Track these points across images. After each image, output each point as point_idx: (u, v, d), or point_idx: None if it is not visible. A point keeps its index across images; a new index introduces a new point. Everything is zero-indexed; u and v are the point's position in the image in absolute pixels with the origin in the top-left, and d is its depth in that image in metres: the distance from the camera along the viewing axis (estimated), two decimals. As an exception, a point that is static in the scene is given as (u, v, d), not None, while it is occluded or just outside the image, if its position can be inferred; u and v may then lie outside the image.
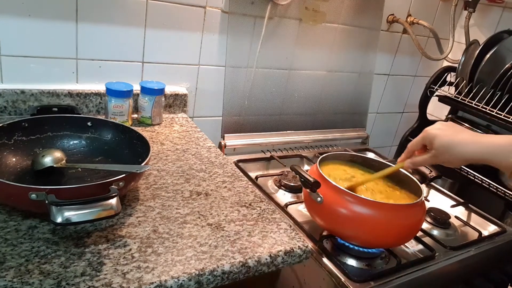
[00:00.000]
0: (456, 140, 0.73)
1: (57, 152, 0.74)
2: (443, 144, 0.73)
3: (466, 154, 0.72)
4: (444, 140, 0.73)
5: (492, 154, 0.70)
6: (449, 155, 0.73)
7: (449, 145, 0.73)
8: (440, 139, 0.74)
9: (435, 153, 0.75)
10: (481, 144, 0.71)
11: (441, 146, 0.74)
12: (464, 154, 0.72)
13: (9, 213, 0.64)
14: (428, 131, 0.77)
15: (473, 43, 1.41)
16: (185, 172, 0.86)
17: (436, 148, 0.75)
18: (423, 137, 0.78)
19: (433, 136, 0.75)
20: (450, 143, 0.73)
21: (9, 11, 0.89)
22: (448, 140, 0.73)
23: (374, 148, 1.53)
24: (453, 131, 0.74)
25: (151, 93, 1.03)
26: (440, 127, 0.76)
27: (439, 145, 0.74)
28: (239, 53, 1.18)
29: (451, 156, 0.73)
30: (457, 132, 0.74)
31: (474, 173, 1.33)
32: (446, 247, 0.94)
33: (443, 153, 0.74)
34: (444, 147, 0.73)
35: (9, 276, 0.52)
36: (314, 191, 0.80)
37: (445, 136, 0.73)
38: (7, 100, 0.92)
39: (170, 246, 0.63)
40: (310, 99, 1.39)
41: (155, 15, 1.04)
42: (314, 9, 1.25)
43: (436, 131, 0.75)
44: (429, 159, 0.77)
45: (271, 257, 0.66)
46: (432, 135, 0.75)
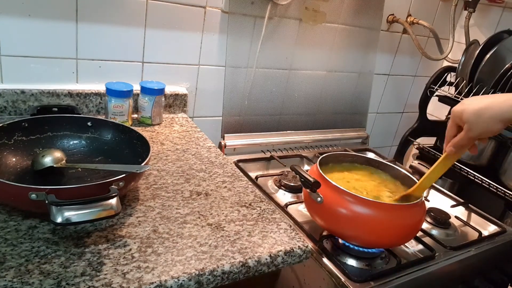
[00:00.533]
0: (484, 104, 0.71)
1: (57, 152, 0.74)
2: (472, 113, 0.71)
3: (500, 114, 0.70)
4: (472, 109, 0.72)
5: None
6: (483, 122, 0.71)
7: (479, 111, 0.71)
8: (468, 110, 0.72)
9: (469, 126, 0.73)
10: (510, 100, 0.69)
11: (472, 115, 0.72)
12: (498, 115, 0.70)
13: (9, 213, 0.64)
14: (454, 110, 0.75)
15: (473, 43, 1.41)
16: (185, 172, 0.86)
17: (467, 120, 0.72)
18: (452, 118, 0.76)
19: (460, 111, 0.73)
20: (479, 110, 0.71)
21: (9, 11, 0.89)
22: (476, 107, 0.71)
23: (374, 148, 1.53)
24: (478, 99, 0.73)
25: (151, 93, 1.03)
26: (464, 102, 0.74)
27: (469, 116, 0.72)
28: (239, 53, 1.18)
29: (485, 122, 0.71)
30: (482, 98, 0.73)
31: (474, 173, 1.33)
32: (446, 247, 0.94)
33: (476, 122, 0.72)
34: (474, 115, 0.71)
35: (9, 276, 0.52)
36: (314, 191, 0.80)
37: (472, 105, 0.72)
38: (7, 100, 0.92)
39: (170, 246, 0.63)
40: (310, 99, 1.39)
41: (155, 15, 1.04)
42: (314, 9, 1.25)
43: (461, 105, 0.74)
44: (465, 135, 0.74)
45: (271, 257, 0.66)
46: (459, 111, 0.74)
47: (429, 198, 1.19)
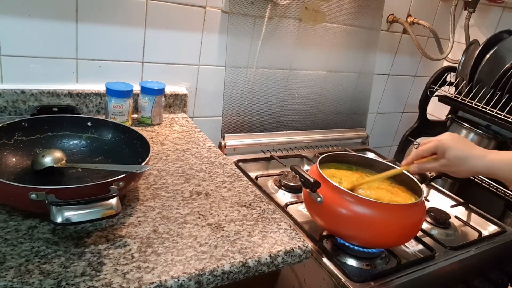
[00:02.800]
0: (470, 154, 0.76)
1: (57, 152, 0.74)
2: (457, 156, 0.77)
3: (476, 168, 0.76)
4: (458, 153, 0.77)
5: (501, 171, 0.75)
6: (460, 167, 0.77)
7: (463, 158, 0.76)
8: (454, 151, 0.77)
9: (446, 163, 0.78)
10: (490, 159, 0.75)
11: (455, 158, 0.77)
12: (475, 168, 0.76)
13: (9, 213, 0.64)
14: (442, 142, 0.79)
15: (473, 43, 1.41)
16: (185, 172, 0.86)
17: (449, 159, 0.77)
18: (435, 146, 0.80)
19: (446, 147, 0.78)
20: (463, 156, 0.76)
21: (9, 11, 0.89)
22: (462, 153, 0.77)
23: (374, 148, 1.53)
24: (466, 144, 0.78)
25: (151, 93, 1.03)
26: (453, 139, 0.79)
27: (453, 157, 0.77)
28: (239, 53, 1.18)
29: (461, 168, 0.77)
30: (470, 146, 0.78)
31: (474, 173, 1.33)
32: (446, 247, 0.94)
33: (455, 164, 0.77)
34: (457, 159, 0.77)
35: (9, 276, 0.52)
36: (314, 191, 0.80)
37: (460, 149, 0.77)
38: (7, 100, 0.92)
39: (170, 246, 0.63)
40: (310, 99, 1.39)
41: (155, 15, 1.04)
42: (314, 9, 1.25)
43: (451, 142, 0.78)
44: (438, 167, 0.80)
45: (271, 257, 0.66)
46: (447, 146, 0.78)
47: (429, 198, 1.19)
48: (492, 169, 0.75)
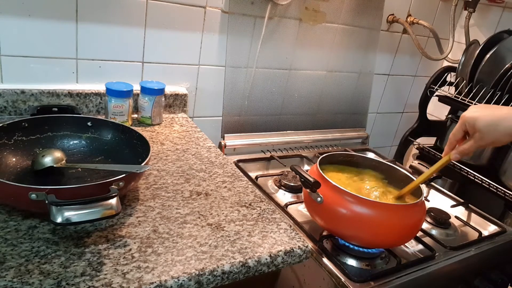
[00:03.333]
0: (500, 116, 0.71)
1: (57, 152, 0.74)
2: (488, 123, 0.72)
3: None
4: (487, 119, 0.72)
5: None
6: (496, 133, 0.72)
7: (494, 122, 0.72)
8: (483, 119, 0.72)
9: (480, 136, 0.73)
10: None
11: (486, 126, 0.72)
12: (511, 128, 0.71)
13: (9, 213, 0.64)
14: (466, 116, 0.75)
15: (473, 43, 1.41)
16: (185, 172, 0.86)
17: (480, 130, 0.73)
18: (462, 123, 0.76)
19: (473, 119, 0.73)
20: (494, 121, 0.72)
21: (9, 11, 0.89)
22: (492, 118, 0.72)
23: (374, 148, 1.53)
24: (492, 109, 0.74)
25: (151, 93, 1.03)
26: (477, 109, 0.75)
27: (484, 125, 0.72)
28: (239, 53, 1.18)
29: (497, 133, 0.72)
30: (497, 109, 0.73)
31: (474, 173, 1.33)
32: (446, 247, 0.94)
33: (489, 132, 0.72)
34: (489, 126, 0.72)
35: (9, 276, 0.52)
36: (314, 191, 0.80)
37: (487, 116, 0.72)
38: (7, 100, 0.92)
39: (170, 246, 0.63)
40: (310, 99, 1.39)
41: (155, 15, 1.04)
42: (314, 9, 1.25)
43: (475, 113, 0.74)
44: (475, 144, 0.75)
45: (271, 257, 0.66)
46: (472, 118, 0.74)
47: (429, 198, 1.19)
48: None
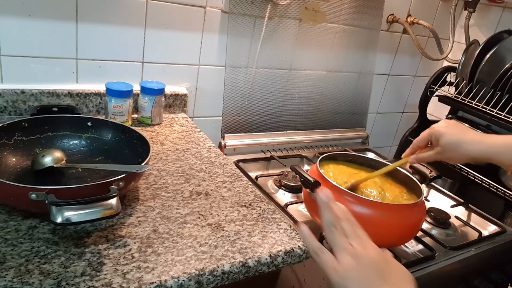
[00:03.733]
0: (464, 139, 0.75)
1: (57, 152, 0.74)
2: (450, 142, 0.76)
3: (472, 153, 0.75)
4: (452, 138, 0.76)
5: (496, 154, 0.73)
6: (455, 153, 0.76)
7: (456, 143, 0.75)
8: (448, 137, 0.76)
9: (440, 150, 0.77)
10: (487, 143, 0.74)
11: (448, 144, 0.76)
12: (470, 153, 0.75)
13: (9, 213, 0.64)
14: (435, 129, 0.78)
15: (473, 43, 1.41)
16: (185, 172, 0.86)
17: (443, 145, 0.77)
18: (429, 133, 0.79)
19: (440, 134, 0.77)
20: (457, 141, 0.75)
21: (9, 11, 0.89)
22: (456, 138, 0.75)
23: (374, 148, 1.53)
24: (460, 129, 0.77)
25: (151, 93, 1.03)
26: (447, 125, 0.78)
27: (447, 143, 0.76)
28: (239, 53, 1.18)
29: (456, 153, 0.76)
30: (464, 131, 0.77)
31: (474, 173, 1.33)
32: (446, 247, 0.94)
33: (449, 150, 0.76)
34: (451, 144, 0.76)
35: (9, 276, 0.52)
36: (314, 191, 0.80)
37: (453, 135, 0.76)
38: (7, 100, 0.92)
39: (170, 246, 0.63)
40: (310, 99, 1.39)
41: (155, 15, 1.04)
42: (314, 9, 1.25)
43: (444, 129, 0.77)
44: (433, 155, 0.79)
45: (271, 257, 0.66)
46: (439, 132, 0.77)
47: (429, 198, 1.19)
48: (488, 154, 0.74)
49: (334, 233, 0.52)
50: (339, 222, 0.53)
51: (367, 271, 0.49)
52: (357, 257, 0.50)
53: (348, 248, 0.51)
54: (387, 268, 0.51)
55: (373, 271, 0.49)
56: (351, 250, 0.51)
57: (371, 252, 0.51)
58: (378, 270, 0.50)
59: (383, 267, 0.50)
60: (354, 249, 0.51)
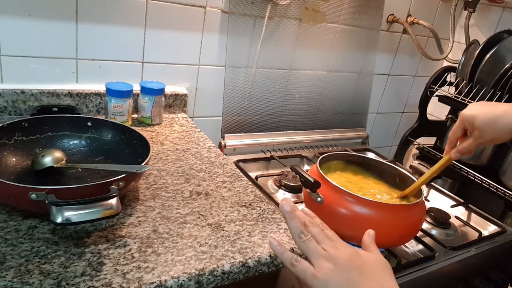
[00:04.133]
0: (498, 113, 0.71)
1: (57, 152, 0.74)
2: (486, 121, 0.71)
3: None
4: (486, 116, 0.71)
5: None
6: (494, 131, 0.71)
7: (492, 120, 0.71)
8: (481, 117, 0.72)
9: (479, 133, 0.73)
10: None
11: (485, 123, 0.71)
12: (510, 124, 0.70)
13: (9, 213, 0.64)
14: (465, 114, 0.74)
15: (473, 43, 1.41)
16: (185, 172, 0.86)
17: (480, 127, 0.72)
18: (461, 122, 0.75)
19: (472, 117, 0.73)
20: (492, 118, 0.71)
21: (9, 11, 0.89)
22: (490, 116, 0.71)
23: (374, 148, 1.53)
24: (491, 106, 0.73)
25: (151, 93, 1.03)
26: (476, 107, 0.74)
27: (482, 123, 0.72)
28: (239, 53, 1.18)
29: (497, 131, 0.71)
30: (495, 106, 0.72)
31: (474, 173, 1.33)
32: (446, 247, 0.94)
33: (488, 130, 0.72)
34: (487, 123, 0.71)
35: (9, 276, 0.52)
36: (314, 191, 0.80)
37: (485, 113, 0.71)
38: (7, 100, 0.92)
39: (170, 246, 0.63)
40: (310, 99, 1.39)
41: (155, 15, 1.04)
42: (314, 9, 1.25)
43: (473, 111, 0.73)
44: (474, 142, 0.74)
45: (271, 257, 0.66)
46: (471, 116, 0.73)
47: (429, 198, 1.19)
48: None
49: (305, 242, 0.53)
50: (307, 229, 0.55)
51: (345, 271, 0.51)
52: (333, 260, 0.51)
53: (322, 253, 0.52)
54: (361, 261, 0.52)
55: (351, 269, 0.51)
56: (325, 255, 0.52)
57: (343, 251, 0.52)
58: (355, 266, 0.51)
59: (358, 262, 0.52)
60: (327, 252, 0.52)
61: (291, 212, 0.55)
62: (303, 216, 0.56)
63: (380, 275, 0.52)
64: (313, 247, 0.53)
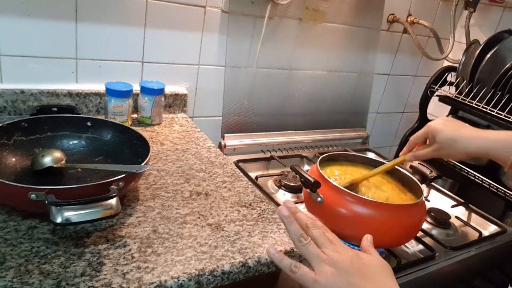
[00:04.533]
0: (460, 135, 0.74)
1: (56, 152, 0.74)
2: (447, 139, 0.75)
3: (469, 148, 0.74)
4: (448, 134, 0.75)
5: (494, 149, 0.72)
6: (452, 149, 0.75)
7: (453, 139, 0.74)
8: (445, 134, 0.75)
9: (437, 147, 0.76)
10: (484, 139, 0.73)
11: (445, 140, 0.75)
12: (467, 148, 0.74)
13: (8, 213, 0.64)
14: (431, 126, 0.78)
15: (473, 43, 1.41)
16: (185, 172, 0.86)
17: (440, 142, 0.76)
18: (425, 131, 0.79)
19: (437, 131, 0.76)
20: (454, 138, 0.74)
21: (9, 11, 0.89)
22: (452, 134, 0.74)
23: (374, 148, 1.53)
24: (456, 126, 0.76)
25: (151, 93, 1.03)
26: (443, 122, 0.77)
27: (443, 139, 0.75)
28: (239, 53, 1.18)
29: (454, 150, 0.75)
30: (460, 127, 0.76)
31: (474, 173, 1.33)
32: (446, 247, 0.94)
33: (446, 147, 0.75)
34: (448, 141, 0.75)
35: (9, 276, 0.52)
36: (314, 191, 0.80)
37: (449, 131, 0.75)
38: (7, 100, 0.92)
39: (170, 246, 0.63)
40: (310, 99, 1.39)
41: (155, 15, 1.04)
42: (314, 9, 1.25)
43: (440, 126, 0.76)
44: (431, 152, 0.78)
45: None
46: (436, 129, 0.76)
47: (429, 198, 1.18)
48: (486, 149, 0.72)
49: (305, 246, 0.53)
50: (307, 232, 0.55)
51: (346, 275, 0.51)
52: (334, 264, 0.51)
53: (323, 257, 0.52)
54: (362, 264, 0.52)
55: (352, 273, 0.51)
56: (326, 259, 0.52)
57: (344, 254, 0.52)
58: (356, 269, 0.51)
59: (359, 264, 0.52)
60: (328, 256, 0.52)
61: (289, 217, 0.55)
62: (305, 218, 0.56)
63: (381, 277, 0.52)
64: (314, 251, 0.53)
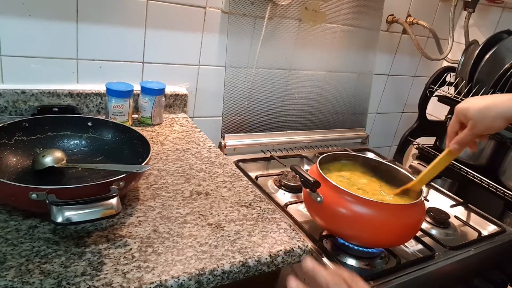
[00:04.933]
0: (489, 102, 0.73)
1: (57, 152, 0.75)
2: (477, 111, 0.74)
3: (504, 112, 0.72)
4: (477, 107, 0.74)
5: None
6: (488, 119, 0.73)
7: (484, 109, 0.73)
8: (473, 108, 0.74)
9: (473, 123, 0.75)
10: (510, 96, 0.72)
11: (477, 113, 0.74)
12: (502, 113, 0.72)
13: (9, 213, 0.64)
14: (458, 107, 0.77)
15: (472, 43, 1.41)
16: (185, 172, 0.86)
17: (472, 117, 0.74)
18: (456, 115, 0.78)
19: (465, 109, 0.75)
20: (484, 108, 0.73)
21: (10, 11, 0.89)
22: (481, 105, 0.73)
23: (374, 148, 1.53)
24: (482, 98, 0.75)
25: (151, 93, 1.03)
26: (468, 100, 0.77)
27: (474, 113, 0.74)
28: (239, 53, 1.19)
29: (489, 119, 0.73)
30: (484, 97, 0.75)
31: (473, 173, 1.33)
32: (445, 247, 0.94)
33: (480, 119, 0.74)
34: (479, 113, 0.74)
35: (9, 275, 0.52)
36: (314, 191, 0.80)
37: (476, 104, 0.74)
38: (8, 100, 0.93)
39: (170, 246, 0.63)
40: (310, 99, 1.39)
41: (155, 15, 1.05)
42: (314, 9, 1.26)
43: (466, 103, 0.76)
44: (469, 132, 0.76)
45: (271, 256, 0.66)
46: (463, 108, 0.76)
47: (428, 198, 1.19)
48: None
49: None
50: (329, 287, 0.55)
51: None
52: None
53: None
54: None
55: None
56: None
57: None
58: None
59: None
60: None
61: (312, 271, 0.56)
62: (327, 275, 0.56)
63: None
64: None
